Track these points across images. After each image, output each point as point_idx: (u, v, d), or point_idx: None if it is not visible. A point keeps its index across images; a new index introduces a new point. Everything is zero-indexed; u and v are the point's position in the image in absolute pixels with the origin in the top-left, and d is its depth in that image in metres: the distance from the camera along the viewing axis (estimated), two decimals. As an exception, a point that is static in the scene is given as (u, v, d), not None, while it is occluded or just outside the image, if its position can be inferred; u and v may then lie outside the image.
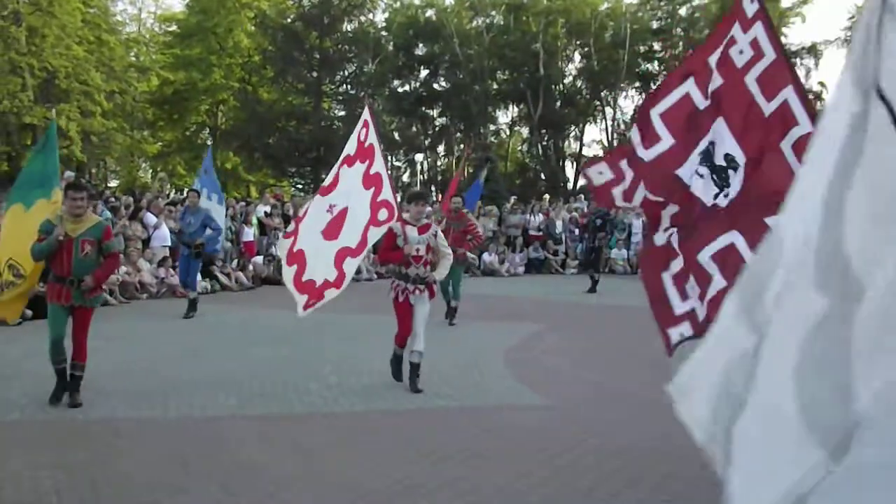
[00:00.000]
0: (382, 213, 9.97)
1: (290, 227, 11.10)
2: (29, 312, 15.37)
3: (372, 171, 10.27)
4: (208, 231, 16.43)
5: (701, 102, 6.26)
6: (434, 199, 39.31)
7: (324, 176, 45.20)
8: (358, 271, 22.29)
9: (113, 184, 50.94)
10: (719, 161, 6.15)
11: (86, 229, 9.00)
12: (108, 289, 17.86)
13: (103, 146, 44.78)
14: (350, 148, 10.72)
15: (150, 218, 21.07)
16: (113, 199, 23.79)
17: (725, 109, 6.16)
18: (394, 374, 10.22)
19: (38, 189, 9.88)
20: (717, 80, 6.20)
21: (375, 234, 10.08)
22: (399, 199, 10.68)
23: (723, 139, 6.17)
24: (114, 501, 6.17)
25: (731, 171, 6.11)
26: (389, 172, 10.63)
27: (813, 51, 50.81)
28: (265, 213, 25.28)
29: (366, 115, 10.85)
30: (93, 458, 7.14)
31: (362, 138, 10.63)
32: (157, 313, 15.53)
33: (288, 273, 10.38)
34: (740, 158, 6.08)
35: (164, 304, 18.01)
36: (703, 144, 6.23)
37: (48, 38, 41.59)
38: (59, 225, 8.85)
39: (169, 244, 20.72)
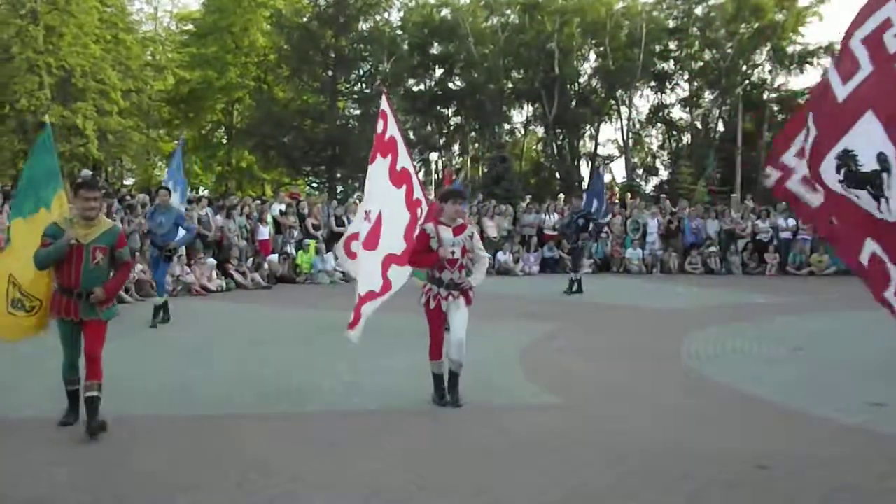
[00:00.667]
0: (419, 214, 9.44)
1: (357, 248, 10.46)
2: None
3: (398, 168, 9.48)
4: (182, 232, 15.28)
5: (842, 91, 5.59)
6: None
7: (339, 175, 45.14)
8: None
9: (129, 182, 51.15)
10: (869, 165, 5.37)
11: (98, 235, 7.95)
12: (124, 287, 17.93)
13: (119, 144, 44.95)
14: (376, 143, 9.86)
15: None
16: (129, 198, 23.87)
17: (875, 100, 5.37)
18: (437, 395, 9.17)
19: (35, 199, 8.82)
20: (865, 68, 5.52)
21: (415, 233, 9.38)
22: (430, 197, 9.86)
23: (872, 136, 5.36)
24: (129, 498, 6.19)
25: (884, 175, 5.29)
26: (416, 166, 9.70)
27: (830, 50, 50.56)
28: (280, 211, 25.29)
29: (383, 105, 10.01)
30: (108, 454, 7.17)
31: (380, 130, 9.77)
32: (172, 311, 15.53)
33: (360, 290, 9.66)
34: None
35: (180, 302, 18.03)
36: (841, 145, 5.55)
37: (65, 37, 41.78)
38: (68, 229, 7.82)
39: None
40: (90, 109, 41.86)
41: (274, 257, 23.27)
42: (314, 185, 48.24)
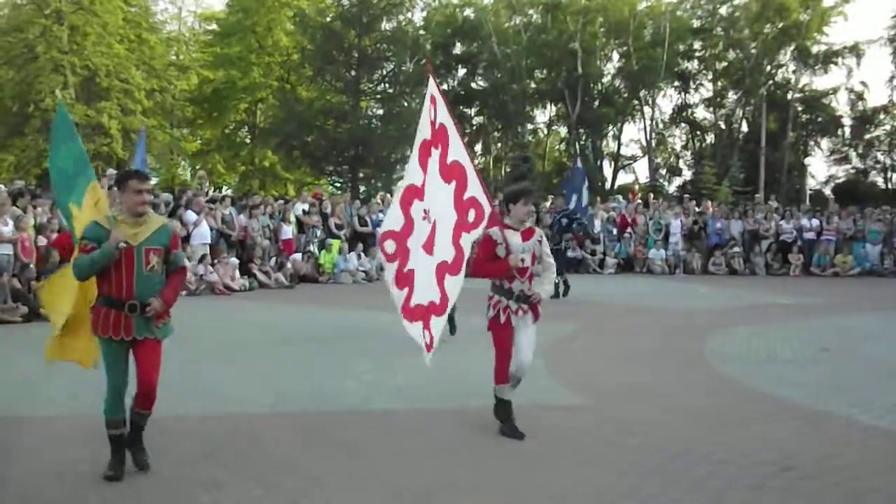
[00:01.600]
0: (471, 214, 7.91)
1: (392, 248, 8.71)
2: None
3: (449, 160, 8.15)
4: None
5: None
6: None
7: (362, 174, 45.18)
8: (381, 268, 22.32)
9: (153, 181, 51.33)
10: None
11: (150, 234, 6.70)
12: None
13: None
14: (425, 131, 8.50)
15: (190, 215, 21.23)
16: (153, 197, 23.99)
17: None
18: (507, 427, 8.02)
19: (67, 194, 7.61)
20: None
21: (467, 241, 7.93)
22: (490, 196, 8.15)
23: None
24: (152, 497, 6.20)
25: None
26: (473, 160, 8.18)
27: (855, 50, 50.34)
28: (303, 210, 25.36)
29: (431, 88, 8.55)
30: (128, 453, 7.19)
31: (432, 117, 8.40)
32: (195, 310, 15.59)
33: (398, 298, 8.48)
34: None
35: (203, 302, 18.11)
36: None
37: (89, 37, 42.03)
38: (113, 229, 6.53)
39: (209, 241, 20.87)
40: (114, 109, 42.10)
41: (297, 256, 23.34)
42: (337, 184, 48.29)
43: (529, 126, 58.02)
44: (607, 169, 58.03)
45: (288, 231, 23.97)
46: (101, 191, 7.47)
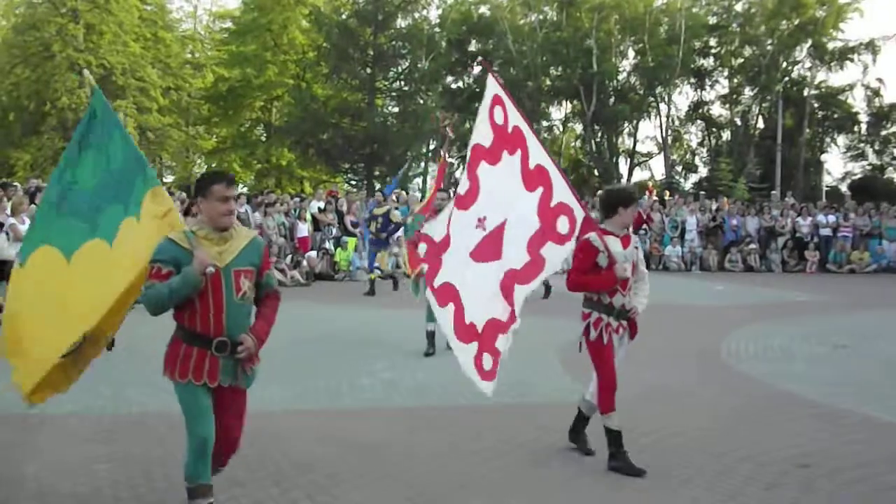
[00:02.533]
0: (563, 224, 7.00)
1: (422, 251, 7.88)
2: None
3: (531, 165, 7.21)
4: None
5: None
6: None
7: (377, 172, 45.24)
8: (396, 266, 22.31)
9: (168, 179, 51.50)
10: None
11: (239, 252, 5.52)
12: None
13: (159, 142, 45.31)
14: (481, 136, 7.58)
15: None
16: (169, 195, 24.08)
17: None
18: (616, 461, 7.04)
19: (114, 204, 6.03)
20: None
21: (558, 254, 7.04)
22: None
23: None
24: (168, 494, 6.23)
25: None
26: (557, 164, 7.41)
27: (871, 46, 50.10)
28: (319, 208, 25.42)
29: (493, 87, 7.67)
30: (148, 450, 7.22)
31: (499, 121, 7.49)
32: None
33: (444, 317, 7.42)
34: None
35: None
36: None
37: (105, 35, 42.18)
38: (197, 248, 5.34)
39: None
40: (130, 107, 42.22)
41: (312, 254, 23.37)
42: (353, 182, 48.32)
43: (545, 123, 57.82)
44: (623, 166, 57.96)
45: (303, 229, 24.02)
46: (169, 198, 6.03)
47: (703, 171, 56.87)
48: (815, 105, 52.39)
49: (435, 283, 7.52)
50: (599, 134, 55.78)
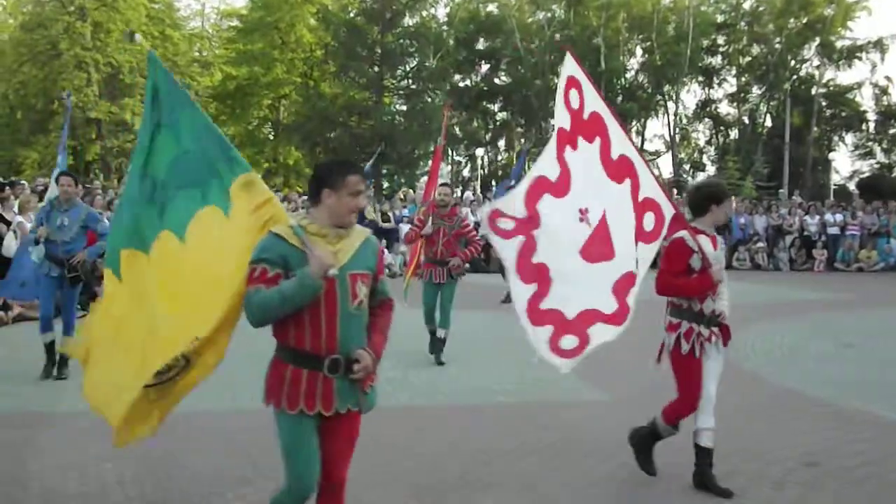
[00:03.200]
0: (649, 220, 6.58)
1: (509, 225, 6.46)
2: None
3: (615, 155, 6.64)
4: (96, 242, 10.66)
5: None
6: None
7: (385, 171, 45.34)
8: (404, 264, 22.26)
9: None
10: None
11: (355, 253, 4.58)
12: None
13: (167, 140, 45.32)
14: (561, 119, 6.75)
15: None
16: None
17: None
18: (639, 456, 6.85)
19: (188, 189, 5.16)
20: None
21: (647, 253, 6.61)
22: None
23: None
24: (177, 493, 6.24)
25: None
26: (642, 154, 6.89)
27: (879, 45, 49.98)
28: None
29: (569, 68, 6.82)
30: (156, 450, 7.21)
31: (574, 105, 6.71)
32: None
33: (522, 292, 6.51)
34: None
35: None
36: None
37: (113, 34, 42.21)
38: (311, 247, 4.34)
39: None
40: (138, 105, 42.22)
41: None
42: (360, 180, 48.29)
43: (553, 121, 57.78)
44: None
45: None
46: (266, 187, 5.14)
47: (710, 170, 56.80)
48: (823, 103, 52.27)
49: (533, 259, 6.53)
50: (607, 132, 55.69)
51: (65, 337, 9.94)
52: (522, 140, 59.22)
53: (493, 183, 51.28)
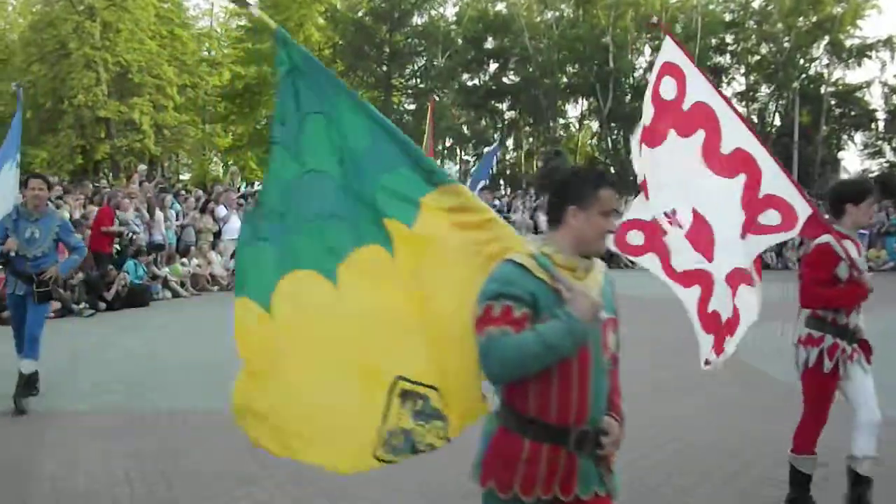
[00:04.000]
0: (771, 217, 5.96)
1: (639, 240, 6.35)
2: (102, 305, 15.67)
3: (726, 148, 6.03)
4: (67, 255, 9.72)
5: None
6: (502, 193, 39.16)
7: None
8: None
9: (185, 177, 51.65)
10: None
11: (601, 291, 3.64)
12: (179, 280, 18.11)
13: (175, 140, 45.38)
14: (644, 115, 6.32)
15: (222, 211, 21.31)
16: (184, 192, 24.13)
17: None
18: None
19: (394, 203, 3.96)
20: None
21: (755, 246, 6.16)
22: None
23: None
24: (185, 491, 6.23)
25: None
26: (770, 150, 6.24)
27: (889, 43, 49.85)
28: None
29: (666, 52, 6.29)
30: (164, 448, 7.23)
31: (668, 95, 6.20)
32: (228, 305, 15.64)
33: (687, 298, 6.35)
34: None
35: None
36: None
37: (122, 33, 42.26)
38: (567, 283, 3.41)
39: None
40: (146, 105, 42.31)
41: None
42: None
43: (561, 121, 57.78)
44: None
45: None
46: (477, 200, 4.01)
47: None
48: (833, 102, 52.19)
49: (676, 268, 6.31)
50: (616, 131, 55.70)
51: (25, 360, 8.76)
52: (530, 139, 59.32)
53: (502, 182, 51.37)
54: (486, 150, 21.40)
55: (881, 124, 53.27)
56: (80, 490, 6.24)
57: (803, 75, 51.39)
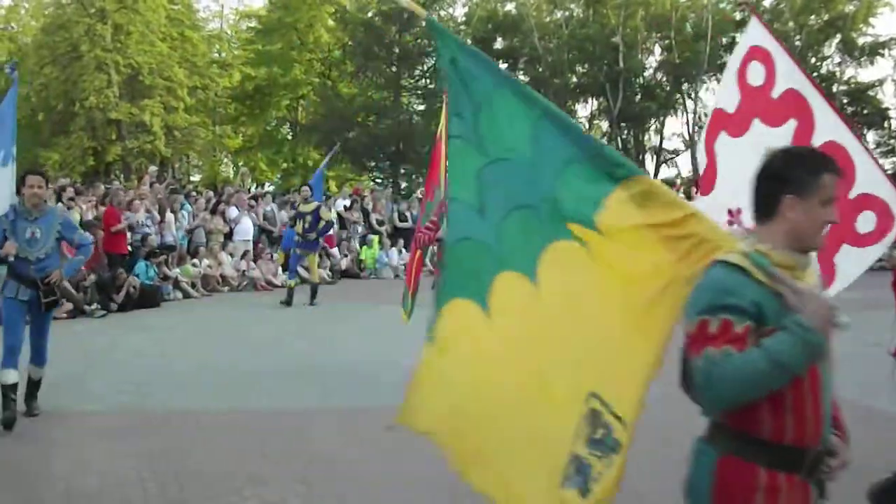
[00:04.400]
0: (865, 221, 5.77)
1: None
2: (114, 305, 15.68)
3: (818, 140, 5.66)
4: (73, 255, 8.86)
5: None
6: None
7: (402, 170, 45.40)
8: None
9: (195, 178, 51.74)
10: None
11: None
12: (190, 281, 18.12)
13: (186, 141, 45.47)
14: (723, 99, 6.07)
15: (233, 212, 21.32)
16: (195, 194, 24.16)
17: None
18: None
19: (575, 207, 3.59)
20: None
21: (858, 261, 6.23)
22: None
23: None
24: (195, 491, 6.21)
25: None
26: (865, 145, 6.02)
27: (901, 42, 49.74)
28: (344, 206, 25.44)
29: (753, 35, 6.01)
30: (174, 448, 7.21)
31: (755, 81, 5.88)
32: (238, 306, 15.65)
33: None
34: None
35: (246, 297, 18.19)
36: None
37: (133, 35, 42.38)
38: (795, 285, 2.94)
39: (251, 238, 20.95)
40: (157, 106, 42.42)
41: (336, 251, 23.38)
42: (378, 180, 48.42)
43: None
44: (650, 163, 57.75)
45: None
46: (677, 196, 3.65)
47: (730, 168, 56.64)
48: (845, 101, 51.93)
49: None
50: (626, 131, 55.64)
51: (33, 366, 8.42)
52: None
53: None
54: None
55: (894, 123, 53.09)
56: (91, 490, 6.22)
57: (815, 74, 51.24)
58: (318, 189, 18.90)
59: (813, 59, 50.79)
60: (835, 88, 50.70)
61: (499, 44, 55.45)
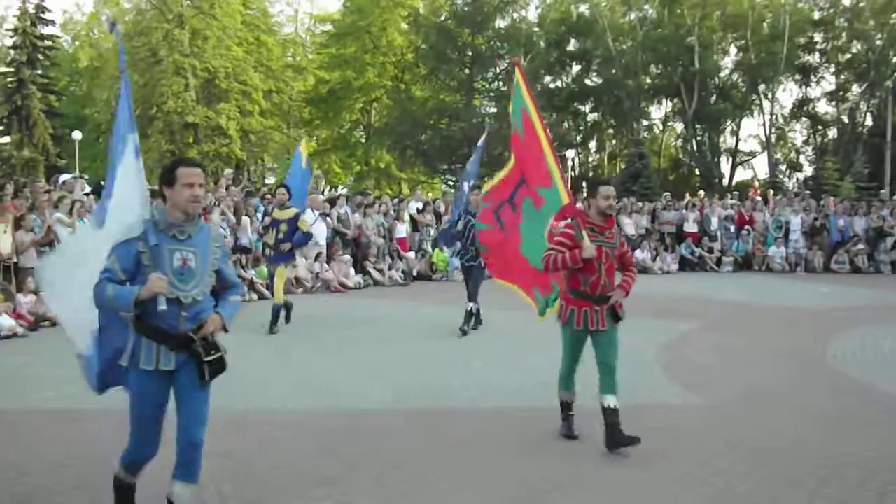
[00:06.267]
0: None
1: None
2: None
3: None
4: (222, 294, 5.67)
5: None
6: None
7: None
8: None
9: (270, 181, 52.30)
10: None
11: None
12: (264, 283, 18.29)
13: (261, 144, 46.06)
14: None
15: (309, 215, 21.50)
16: (269, 196, 24.39)
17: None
18: None
19: None
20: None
21: None
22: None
23: None
24: (268, 489, 6.27)
25: None
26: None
27: None
28: (417, 209, 25.50)
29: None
30: (249, 447, 7.29)
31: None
32: (312, 308, 15.77)
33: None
34: None
35: (320, 299, 18.32)
36: None
37: (210, 40, 43.06)
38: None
39: (324, 242, 21.09)
40: (233, 110, 43.03)
41: (411, 255, 23.46)
42: (450, 183, 48.53)
43: (644, 122, 57.39)
44: (725, 165, 57.15)
45: (402, 230, 24.09)
46: None
47: (808, 170, 55.81)
48: (926, 98, 50.99)
49: None
50: (701, 132, 55.09)
51: (180, 485, 5.39)
52: (613, 141, 58.94)
53: (583, 184, 51.06)
54: (478, 143, 18.54)
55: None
56: (165, 484, 6.31)
57: (896, 73, 50.28)
58: (298, 192, 15.38)
59: (895, 59, 49.81)
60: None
61: (572, 45, 55.30)
